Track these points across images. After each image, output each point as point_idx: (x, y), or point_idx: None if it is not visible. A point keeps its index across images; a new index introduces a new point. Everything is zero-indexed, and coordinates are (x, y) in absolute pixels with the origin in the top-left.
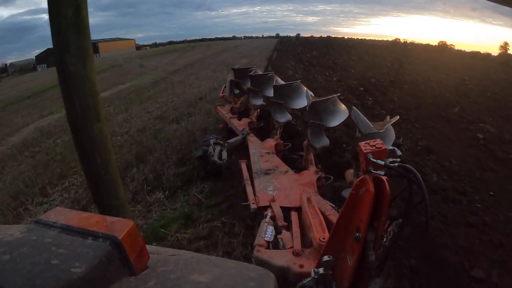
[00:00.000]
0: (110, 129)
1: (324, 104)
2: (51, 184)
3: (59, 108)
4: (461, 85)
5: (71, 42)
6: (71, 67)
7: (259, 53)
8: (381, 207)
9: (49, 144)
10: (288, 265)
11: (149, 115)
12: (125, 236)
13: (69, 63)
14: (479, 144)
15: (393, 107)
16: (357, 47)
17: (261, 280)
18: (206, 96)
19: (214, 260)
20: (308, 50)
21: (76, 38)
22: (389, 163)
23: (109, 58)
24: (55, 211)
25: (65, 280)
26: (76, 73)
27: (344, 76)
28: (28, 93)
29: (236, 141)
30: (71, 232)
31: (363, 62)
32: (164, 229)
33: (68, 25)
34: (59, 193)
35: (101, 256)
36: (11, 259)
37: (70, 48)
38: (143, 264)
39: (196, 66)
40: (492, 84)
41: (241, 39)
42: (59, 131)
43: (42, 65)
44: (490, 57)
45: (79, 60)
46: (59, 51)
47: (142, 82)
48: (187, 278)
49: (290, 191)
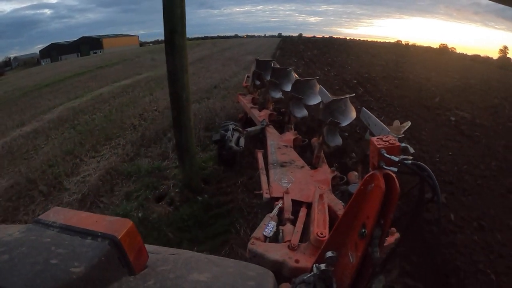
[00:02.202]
0: (140, 108)
1: (338, 104)
2: (99, 144)
3: (85, 93)
4: (449, 82)
5: (177, 28)
6: (176, 41)
7: (264, 51)
8: (389, 204)
9: (86, 119)
10: (284, 259)
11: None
12: (124, 236)
13: (175, 39)
14: (451, 125)
15: (380, 96)
16: (357, 47)
17: (260, 279)
18: (220, 85)
19: (213, 259)
20: (309, 49)
21: (180, 25)
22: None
23: (117, 53)
24: (54, 210)
25: (64, 279)
26: (178, 44)
27: (341, 71)
28: (46, 82)
29: (255, 130)
30: (70, 231)
31: (360, 61)
32: (205, 163)
33: (177, 18)
34: (108, 150)
35: (100, 255)
36: (10, 259)
37: (176, 31)
38: (142, 263)
39: (205, 61)
40: (480, 82)
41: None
42: (92, 110)
43: (46, 59)
44: (489, 60)
45: (180, 37)
46: (170, 32)
47: (157, 73)
48: (186, 277)
49: (304, 186)
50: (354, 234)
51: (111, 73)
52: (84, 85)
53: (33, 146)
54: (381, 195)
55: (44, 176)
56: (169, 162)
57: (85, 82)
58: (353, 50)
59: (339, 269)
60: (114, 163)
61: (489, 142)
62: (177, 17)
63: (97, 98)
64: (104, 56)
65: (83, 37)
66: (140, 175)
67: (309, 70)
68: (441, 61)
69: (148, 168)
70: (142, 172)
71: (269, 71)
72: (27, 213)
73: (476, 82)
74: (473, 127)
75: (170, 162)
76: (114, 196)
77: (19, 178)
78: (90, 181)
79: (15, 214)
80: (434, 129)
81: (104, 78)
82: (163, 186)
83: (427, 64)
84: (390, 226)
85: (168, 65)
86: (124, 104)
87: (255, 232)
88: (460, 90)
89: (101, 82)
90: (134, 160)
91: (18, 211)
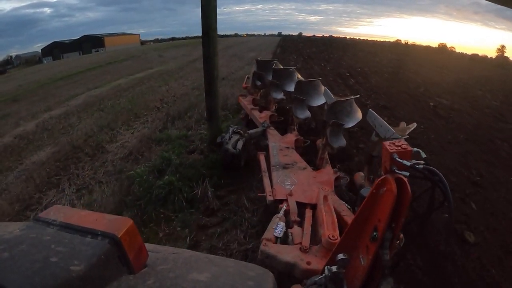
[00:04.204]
0: (160, 95)
1: (342, 105)
2: (130, 120)
3: (103, 84)
4: (437, 76)
5: (212, 25)
6: (210, 34)
7: (265, 48)
8: (401, 208)
9: (112, 103)
10: (295, 261)
11: (186, 87)
12: (124, 234)
13: (210, 33)
14: (429, 108)
15: (369, 86)
16: (355, 46)
17: (260, 279)
18: (227, 77)
19: (213, 259)
20: (308, 47)
21: (214, 23)
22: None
23: (119, 51)
24: (54, 208)
25: (64, 278)
26: (212, 36)
27: (336, 66)
28: (59, 76)
29: (256, 132)
30: (70, 230)
31: (356, 58)
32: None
33: (212, 19)
34: (139, 124)
35: (100, 254)
36: (10, 257)
37: (211, 26)
38: (142, 262)
39: None
40: (468, 77)
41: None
42: (115, 96)
43: (47, 57)
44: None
45: (213, 32)
46: (207, 28)
47: (168, 68)
48: (186, 276)
49: (307, 187)
50: (365, 237)
51: (123, 68)
52: (100, 78)
53: (68, 124)
54: (393, 199)
55: (87, 143)
56: (193, 132)
57: (100, 76)
58: (350, 48)
59: (350, 272)
60: (147, 133)
61: (461, 121)
62: (212, 18)
63: (117, 88)
64: (106, 54)
65: (85, 35)
66: (171, 140)
67: (307, 65)
68: (437, 59)
69: (177, 135)
70: (173, 138)
71: (270, 71)
72: (77, 168)
73: (465, 77)
74: (449, 111)
75: (194, 132)
76: (152, 153)
77: (64, 146)
78: (128, 146)
79: (66, 170)
80: (412, 111)
81: (118, 72)
82: (192, 145)
83: (421, 62)
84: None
85: (204, 51)
86: (144, 92)
87: (265, 233)
88: (446, 83)
89: (116, 75)
90: (163, 131)
91: (68, 168)
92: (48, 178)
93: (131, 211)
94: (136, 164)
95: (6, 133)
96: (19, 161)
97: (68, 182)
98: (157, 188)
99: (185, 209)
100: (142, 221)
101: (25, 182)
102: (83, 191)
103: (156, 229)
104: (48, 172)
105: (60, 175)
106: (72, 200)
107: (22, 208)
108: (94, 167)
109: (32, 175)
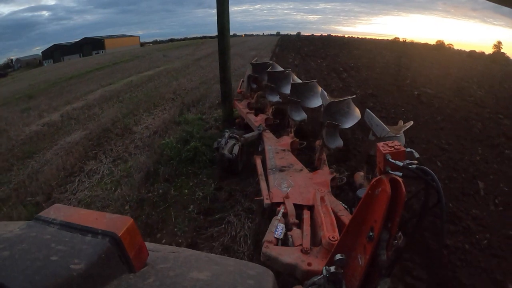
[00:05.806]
0: (172, 88)
1: (339, 105)
2: (150, 108)
3: (116, 81)
4: (427, 70)
5: (225, 26)
6: (224, 33)
7: (265, 47)
8: (396, 208)
9: (129, 96)
10: (296, 262)
11: (194, 82)
12: (125, 233)
13: (224, 31)
14: (413, 96)
15: (360, 78)
16: (351, 44)
17: (260, 278)
18: (231, 73)
19: (213, 258)
20: (306, 46)
21: (227, 24)
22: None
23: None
24: (54, 207)
25: (64, 276)
26: (225, 35)
27: (331, 62)
28: (69, 75)
29: (252, 136)
30: (71, 228)
31: (351, 55)
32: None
33: (225, 20)
34: (159, 111)
35: (100, 253)
36: (10, 256)
37: (225, 27)
38: (142, 261)
39: (213, 56)
40: (459, 71)
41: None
42: (131, 90)
43: (48, 60)
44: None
45: (227, 31)
46: (221, 28)
47: (174, 66)
48: (186, 275)
49: (304, 189)
50: (362, 237)
51: (130, 67)
52: (111, 76)
53: (92, 113)
54: (388, 199)
55: (115, 126)
56: (207, 116)
57: (109, 74)
58: (346, 46)
59: (349, 271)
60: (167, 117)
61: (441, 106)
62: (225, 20)
63: (129, 84)
64: (108, 56)
65: (85, 37)
66: (189, 122)
67: (304, 62)
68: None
69: (194, 118)
70: (190, 120)
71: (265, 73)
72: (109, 145)
73: (456, 71)
74: (432, 98)
75: (207, 115)
76: (174, 132)
77: (94, 129)
78: (152, 127)
79: (100, 146)
80: (397, 98)
81: (127, 70)
82: (208, 124)
83: (416, 58)
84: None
85: (220, 46)
86: (157, 86)
87: (266, 236)
88: (434, 76)
89: (126, 73)
90: (181, 116)
91: (102, 145)
92: (85, 152)
93: (166, 167)
94: (162, 139)
95: (32, 123)
96: (53, 142)
97: (104, 155)
98: (185, 152)
99: (208, 166)
100: (176, 174)
101: (66, 156)
102: (118, 161)
103: (187, 181)
104: (84, 148)
105: (95, 150)
106: (110, 168)
107: (66, 174)
108: (124, 144)
109: (71, 150)
